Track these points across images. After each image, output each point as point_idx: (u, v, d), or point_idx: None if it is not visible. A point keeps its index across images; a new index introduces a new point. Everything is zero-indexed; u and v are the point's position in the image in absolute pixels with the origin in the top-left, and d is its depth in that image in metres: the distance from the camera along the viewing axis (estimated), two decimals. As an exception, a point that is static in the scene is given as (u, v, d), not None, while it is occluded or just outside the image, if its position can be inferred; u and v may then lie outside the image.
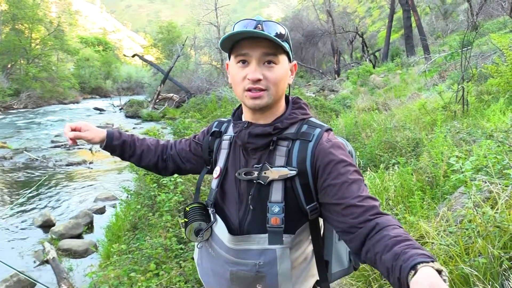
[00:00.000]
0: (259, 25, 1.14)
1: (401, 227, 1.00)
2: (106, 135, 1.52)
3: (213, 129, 1.45)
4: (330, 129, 1.26)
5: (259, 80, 1.16)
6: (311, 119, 1.28)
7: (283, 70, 1.19)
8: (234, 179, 1.30)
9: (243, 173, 1.25)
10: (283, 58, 1.18)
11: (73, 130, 1.46)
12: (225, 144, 1.38)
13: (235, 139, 1.33)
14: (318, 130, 1.21)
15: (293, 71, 1.28)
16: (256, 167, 1.23)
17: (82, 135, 1.46)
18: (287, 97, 1.33)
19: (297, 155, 1.19)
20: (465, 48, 7.69)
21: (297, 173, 1.17)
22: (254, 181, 1.22)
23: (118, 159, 1.65)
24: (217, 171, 1.36)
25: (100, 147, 1.55)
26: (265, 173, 1.20)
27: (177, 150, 1.56)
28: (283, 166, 1.19)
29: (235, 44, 1.19)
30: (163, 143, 1.61)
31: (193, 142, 1.54)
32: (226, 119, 1.48)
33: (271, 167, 1.20)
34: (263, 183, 1.20)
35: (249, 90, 1.18)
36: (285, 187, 1.19)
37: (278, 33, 1.16)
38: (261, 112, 1.24)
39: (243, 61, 1.18)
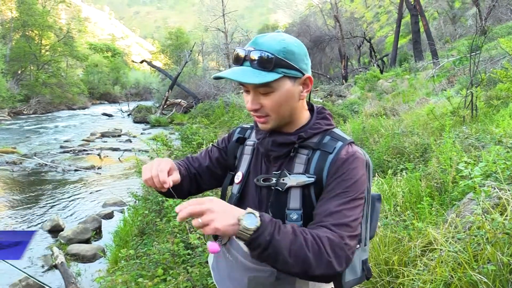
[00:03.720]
0: (246, 57, 1.14)
1: (313, 231, 1.04)
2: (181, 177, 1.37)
3: (237, 135, 1.45)
4: (353, 142, 1.25)
5: (257, 109, 1.18)
6: (335, 130, 1.27)
7: (282, 94, 1.16)
8: (255, 185, 1.30)
9: (261, 179, 1.26)
10: (280, 83, 1.14)
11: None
12: (247, 150, 1.38)
13: (257, 145, 1.33)
14: (340, 143, 1.20)
15: (308, 84, 1.21)
16: (275, 173, 1.23)
17: (177, 178, 1.31)
18: (312, 105, 1.32)
19: (315, 165, 1.18)
20: (474, 53, 7.65)
21: (314, 181, 1.17)
22: (273, 188, 1.22)
23: (126, 165, 1.56)
24: (239, 176, 1.36)
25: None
26: (283, 179, 1.20)
27: (196, 168, 1.50)
28: (301, 174, 1.19)
29: None
30: (186, 165, 1.50)
31: (212, 154, 1.50)
32: (249, 125, 1.48)
33: (290, 174, 1.20)
34: (281, 189, 1.20)
35: (253, 114, 1.22)
36: (302, 194, 1.19)
37: (264, 64, 1.11)
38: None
39: (245, 90, 1.21)
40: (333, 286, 1.30)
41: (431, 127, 6.78)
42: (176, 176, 1.31)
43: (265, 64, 1.11)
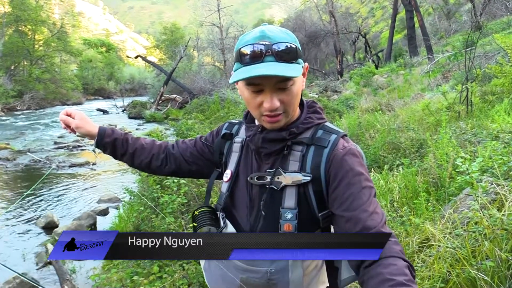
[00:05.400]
0: (268, 51, 1.07)
1: (401, 257, 0.97)
2: (98, 132, 1.46)
3: (224, 131, 1.42)
4: (346, 135, 1.23)
5: (277, 107, 1.12)
6: (326, 123, 1.25)
7: (298, 85, 1.14)
8: (246, 183, 1.27)
9: (255, 177, 1.23)
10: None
11: (68, 115, 1.46)
12: (236, 147, 1.35)
13: (247, 142, 1.30)
14: (334, 136, 1.18)
15: (305, 74, 1.21)
16: (269, 171, 1.20)
17: (70, 120, 1.45)
18: (302, 100, 1.29)
19: (311, 161, 1.16)
20: (469, 48, 7.65)
21: (311, 179, 1.14)
22: (267, 186, 1.19)
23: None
24: (227, 174, 1.33)
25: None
26: (278, 178, 1.17)
27: (180, 150, 1.50)
28: (297, 172, 1.16)
29: None
30: (160, 143, 1.55)
31: (199, 143, 1.49)
32: (237, 121, 1.45)
33: (285, 172, 1.17)
34: (276, 188, 1.18)
35: (266, 115, 1.15)
36: (298, 193, 1.16)
37: (291, 56, 1.08)
38: None
39: (256, 90, 1.13)
40: (328, 285, 1.27)
41: (426, 123, 6.78)
42: (79, 124, 1.44)
43: (292, 55, 1.09)
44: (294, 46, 1.10)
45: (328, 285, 1.27)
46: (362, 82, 18.28)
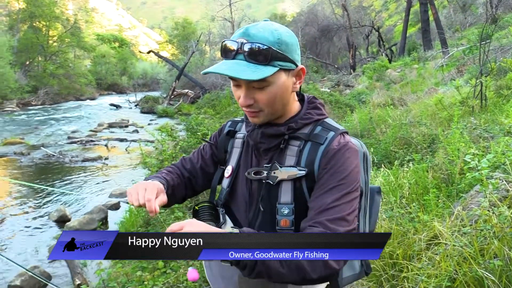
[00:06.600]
0: (240, 50, 1.07)
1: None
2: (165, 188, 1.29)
3: (227, 128, 1.41)
4: (346, 132, 1.20)
5: (250, 105, 1.13)
6: (327, 120, 1.23)
7: (277, 87, 1.11)
8: (245, 179, 1.26)
9: (252, 172, 1.22)
10: (276, 76, 1.09)
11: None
12: (237, 143, 1.35)
13: (247, 138, 1.30)
14: (331, 134, 1.16)
15: (301, 76, 1.18)
16: (265, 166, 1.19)
17: (164, 200, 1.22)
18: (302, 95, 1.28)
19: (306, 157, 1.15)
20: (484, 42, 7.49)
21: (305, 174, 1.13)
22: (264, 181, 1.18)
23: (132, 155, 1.53)
24: (228, 170, 1.33)
25: None
26: (274, 172, 1.16)
27: (189, 172, 1.45)
28: (293, 166, 1.15)
29: None
30: (178, 171, 1.45)
31: (205, 152, 1.45)
32: (239, 119, 1.44)
33: (281, 167, 1.16)
34: (272, 183, 1.16)
35: (245, 110, 1.16)
36: (294, 187, 1.15)
37: (260, 57, 1.06)
38: None
39: (235, 84, 1.14)
40: (328, 283, 1.26)
41: (439, 117, 6.69)
42: (162, 199, 1.21)
43: (261, 57, 1.06)
44: (267, 48, 1.05)
45: (328, 282, 1.26)
46: (375, 77, 18.09)
